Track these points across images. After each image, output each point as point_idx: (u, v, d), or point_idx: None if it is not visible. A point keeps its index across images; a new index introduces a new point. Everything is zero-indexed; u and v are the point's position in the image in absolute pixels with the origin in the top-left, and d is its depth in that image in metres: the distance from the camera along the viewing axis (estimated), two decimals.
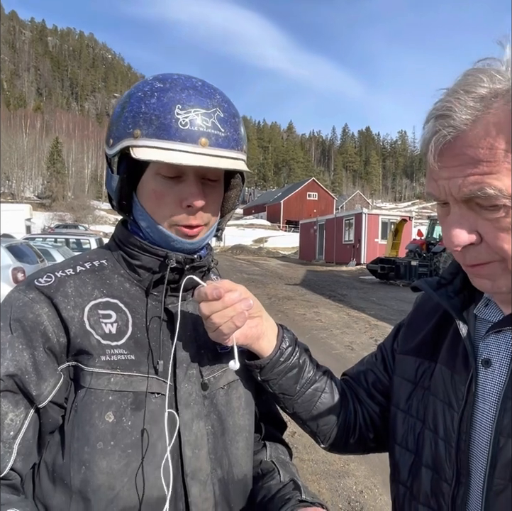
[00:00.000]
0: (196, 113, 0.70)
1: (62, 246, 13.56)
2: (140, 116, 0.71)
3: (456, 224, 0.61)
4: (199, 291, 0.72)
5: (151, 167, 0.74)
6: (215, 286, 0.71)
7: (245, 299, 0.73)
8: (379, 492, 3.06)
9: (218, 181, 0.77)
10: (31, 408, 0.68)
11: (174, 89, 0.71)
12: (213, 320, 0.71)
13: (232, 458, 0.78)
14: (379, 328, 8.20)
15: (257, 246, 39.22)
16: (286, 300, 11.38)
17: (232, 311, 0.71)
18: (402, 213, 27.38)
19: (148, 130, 0.70)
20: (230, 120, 0.74)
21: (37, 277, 0.74)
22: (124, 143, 0.72)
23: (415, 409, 0.73)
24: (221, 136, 0.72)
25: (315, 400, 0.82)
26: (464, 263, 0.65)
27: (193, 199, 0.72)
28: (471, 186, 0.57)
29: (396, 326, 0.89)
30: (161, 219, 0.75)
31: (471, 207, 0.60)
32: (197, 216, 0.74)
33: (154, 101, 0.71)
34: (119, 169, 0.75)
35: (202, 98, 0.72)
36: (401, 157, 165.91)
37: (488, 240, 0.60)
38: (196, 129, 0.70)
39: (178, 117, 0.70)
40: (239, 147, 0.75)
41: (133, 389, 0.70)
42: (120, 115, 0.74)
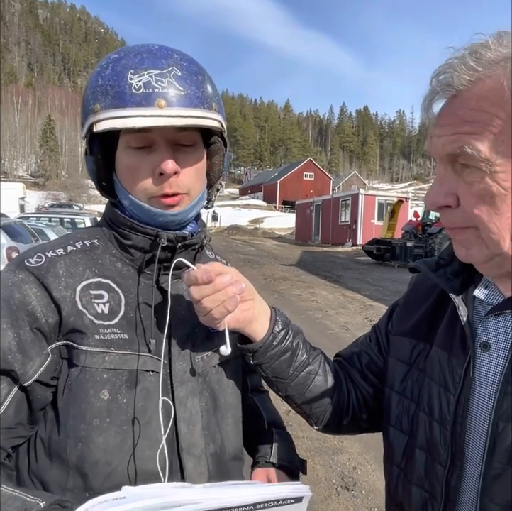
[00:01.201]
0: (149, 75, 0.68)
1: (57, 226, 13.45)
2: (98, 90, 0.69)
3: (437, 184, 0.61)
4: (189, 274, 0.70)
5: (121, 141, 0.73)
6: (206, 269, 0.69)
7: (237, 283, 0.72)
8: (372, 468, 3.13)
9: (193, 146, 0.75)
10: (15, 385, 0.67)
11: (127, 56, 0.70)
12: (204, 304, 0.69)
13: (224, 434, 0.79)
14: (374, 309, 8.27)
15: (253, 227, 39.13)
16: (282, 281, 11.42)
17: (224, 295, 0.70)
18: (399, 195, 27.35)
19: (105, 102, 0.68)
20: (191, 77, 0.71)
21: (28, 257, 0.72)
22: (89, 120, 0.71)
23: (410, 390, 0.73)
24: (180, 95, 0.69)
25: (308, 383, 0.82)
26: (443, 226, 0.65)
27: (163, 165, 0.70)
28: (452, 144, 0.57)
29: (391, 306, 0.88)
30: (138, 194, 0.73)
31: (455, 169, 0.60)
32: (172, 184, 0.72)
33: (109, 72, 0.69)
34: (93, 150, 0.74)
35: (156, 59, 0.69)
36: (399, 137, 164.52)
37: (463, 204, 0.59)
38: (150, 91, 0.67)
39: (131, 82, 0.67)
40: (205, 105, 0.72)
41: (128, 367, 0.70)
42: (84, 95, 0.73)
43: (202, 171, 0.78)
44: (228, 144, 0.82)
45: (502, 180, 0.56)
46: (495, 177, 0.56)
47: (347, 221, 24.48)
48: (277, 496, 0.47)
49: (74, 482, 0.68)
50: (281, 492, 0.47)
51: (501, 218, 0.57)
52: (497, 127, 0.55)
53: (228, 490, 0.50)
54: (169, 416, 0.72)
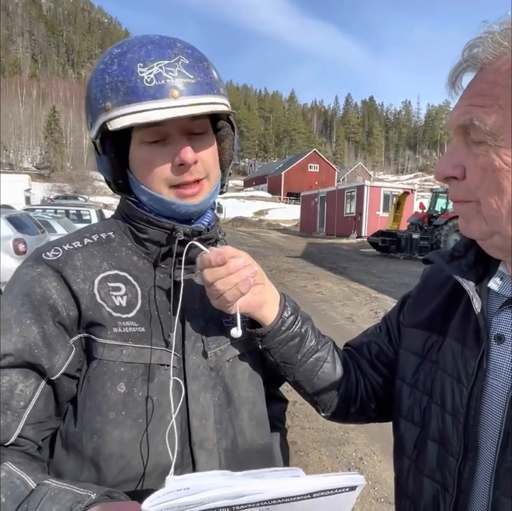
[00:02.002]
0: (159, 67, 0.67)
1: (62, 217, 13.48)
2: (107, 87, 0.69)
3: (447, 155, 0.61)
4: (202, 257, 0.70)
5: (134, 137, 0.72)
6: (219, 252, 0.69)
7: (250, 266, 0.72)
8: (378, 459, 3.15)
9: (205, 133, 0.75)
10: (43, 380, 0.68)
11: (131, 50, 0.69)
12: (217, 287, 0.69)
13: (237, 429, 0.79)
14: (380, 301, 8.26)
15: (257, 218, 39.08)
16: (287, 272, 11.42)
17: (237, 278, 0.69)
18: (404, 186, 27.15)
19: (117, 99, 0.68)
20: (198, 64, 0.71)
21: (45, 251, 0.73)
22: (100, 120, 0.70)
23: (422, 382, 0.73)
24: (192, 83, 0.69)
25: (316, 370, 0.82)
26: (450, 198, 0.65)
27: (183, 155, 0.70)
28: (464, 115, 0.57)
29: (402, 298, 0.88)
30: (158, 187, 0.73)
31: (467, 143, 0.59)
32: (192, 171, 0.72)
33: (116, 68, 0.68)
34: (105, 148, 0.73)
35: (162, 50, 0.69)
36: (405, 128, 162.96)
37: (468, 176, 0.59)
38: (163, 82, 0.67)
39: (142, 75, 0.67)
40: (215, 90, 0.72)
41: (144, 361, 0.70)
42: (89, 94, 0.72)
43: (216, 156, 0.79)
44: (236, 127, 0.83)
45: (505, 155, 0.56)
46: (499, 151, 0.56)
47: (352, 213, 24.36)
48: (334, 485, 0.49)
49: (88, 474, 0.68)
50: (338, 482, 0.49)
51: (502, 195, 0.57)
52: (506, 102, 0.54)
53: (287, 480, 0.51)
54: (182, 407, 0.72)
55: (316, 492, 0.48)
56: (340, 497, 0.50)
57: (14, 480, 0.59)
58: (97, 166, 0.77)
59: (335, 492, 0.49)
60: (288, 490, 0.47)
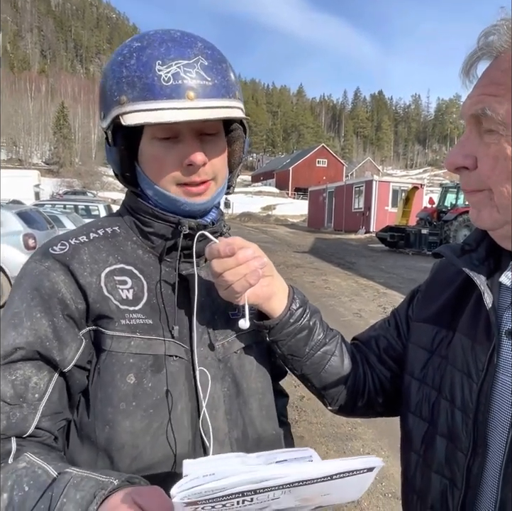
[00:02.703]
0: (177, 66, 0.67)
1: (71, 213, 13.57)
2: (123, 81, 0.68)
3: (458, 145, 0.61)
4: (211, 247, 0.70)
5: (146, 132, 0.72)
6: (228, 242, 0.69)
7: (259, 257, 0.72)
8: (386, 454, 3.15)
9: (217, 134, 0.75)
10: (55, 372, 0.69)
11: (151, 46, 0.68)
12: (226, 277, 0.69)
13: (247, 419, 0.79)
14: (388, 297, 8.22)
15: (265, 214, 39.02)
16: (295, 268, 11.41)
17: (246, 269, 0.69)
18: (413, 181, 26.94)
19: (133, 94, 0.67)
20: (216, 67, 0.70)
21: (52, 245, 0.73)
22: (113, 112, 0.70)
23: (431, 378, 0.72)
24: (208, 86, 0.69)
25: (324, 363, 0.81)
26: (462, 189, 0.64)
27: (192, 157, 0.70)
28: (476, 105, 0.56)
29: (411, 292, 0.87)
30: (165, 183, 0.73)
31: (479, 132, 0.59)
32: (200, 173, 0.72)
33: (134, 62, 0.68)
34: (116, 140, 0.73)
35: (182, 48, 0.68)
36: (414, 122, 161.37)
37: (479, 165, 0.59)
38: (180, 83, 0.67)
39: (160, 74, 0.67)
40: (230, 94, 0.72)
41: (152, 352, 0.71)
42: (105, 85, 0.71)
43: (226, 158, 0.79)
44: (248, 130, 0.82)
45: None
46: (511, 140, 0.55)
47: (361, 208, 24.23)
48: (353, 468, 0.50)
49: (102, 463, 0.69)
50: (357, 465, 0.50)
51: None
52: None
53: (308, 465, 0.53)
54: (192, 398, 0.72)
55: (336, 474, 0.49)
56: (359, 477, 0.52)
57: (35, 469, 0.60)
58: (106, 157, 0.77)
59: (354, 474, 0.51)
60: (310, 474, 0.48)
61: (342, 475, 0.50)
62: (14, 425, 0.65)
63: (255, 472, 0.47)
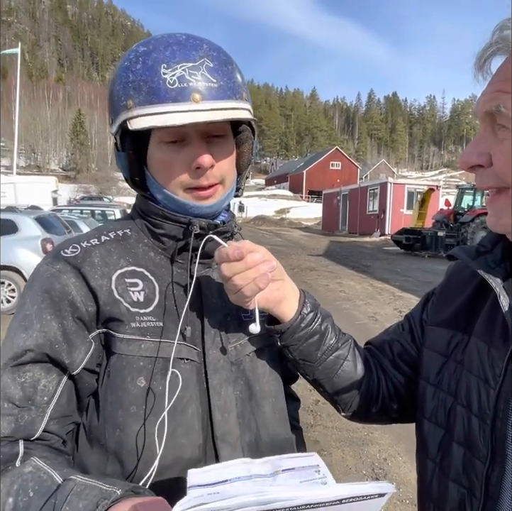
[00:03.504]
0: (182, 69, 0.67)
1: (88, 217, 13.78)
2: (129, 86, 0.69)
3: (472, 144, 0.59)
4: (220, 251, 0.69)
5: (153, 136, 0.72)
6: (237, 246, 0.68)
7: (268, 261, 0.71)
8: (403, 460, 3.10)
9: (224, 136, 0.74)
10: (64, 375, 0.69)
11: (157, 49, 0.68)
12: (235, 282, 0.68)
13: (260, 422, 0.78)
14: (404, 300, 8.13)
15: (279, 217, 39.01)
16: (309, 271, 11.37)
17: (255, 273, 0.69)
18: (429, 183, 26.59)
19: (139, 98, 0.68)
20: (222, 68, 0.70)
21: (63, 248, 0.74)
22: (121, 117, 0.70)
23: (447, 383, 0.70)
24: (214, 87, 0.68)
25: (336, 368, 0.80)
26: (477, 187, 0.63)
27: (200, 159, 0.70)
28: (490, 102, 0.55)
29: (425, 295, 0.85)
30: (173, 187, 0.73)
31: (494, 130, 0.57)
32: (208, 175, 0.72)
33: (140, 67, 0.68)
34: (124, 145, 0.74)
35: (187, 51, 0.68)
36: (429, 123, 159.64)
37: (494, 162, 0.58)
38: (185, 85, 0.67)
39: (165, 77, 0.67)
40: (237, 95, 0.71)
41: (163, 355, 0.71)
42: (112, 90, 0.72)
43: (234, 160, 0.78)
44: (257, 132, 0.82)
45: None
46: None
47: (375, 211, 24.04)
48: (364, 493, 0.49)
49: (113, 467, 0.69)
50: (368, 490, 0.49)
51: None
52: None
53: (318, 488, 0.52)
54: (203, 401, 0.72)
55: (345, 499, 0.48)
56: (369, 502, 0.51)
57: (41, 474, 0.59)
58: (116, 161, 0.78)
59: (364, 499, 0.50)
60: (319, 497, 0.47)
61: (352, 499, 0.49)
62: (22, 428, 0.65)
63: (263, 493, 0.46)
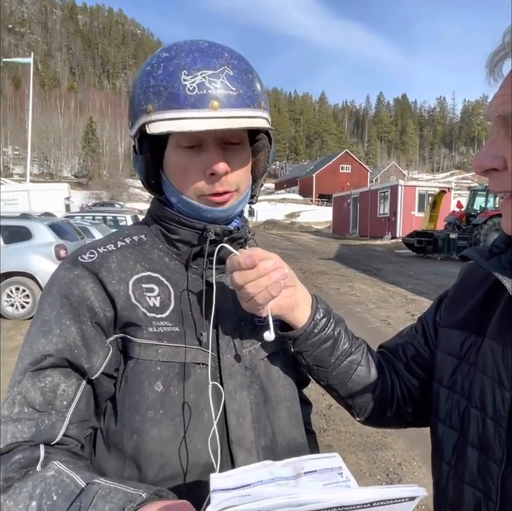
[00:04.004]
0: (202, 76, 0.68)
1: (100, 223, 13.92)
2: (150, 90, 0.70)
3: (486, 147, 0.59)
4: (231, 260, 0.70)
5: (171, 140, 0.73)
6: (249, 254, 0.68)
7: (280, 268, 0.71)
8: (418, 465, 3.06)
9: (241, 144, 0.75)
10: (83, 380, 0.70)
11: (179, 56, 0.69)
12: (247, 290, 0.69)
13: (275, 427, 0.78)
14: (416, 303, 8.05)
15: (289, 221, 38.97)
16: (320, 275, 11.33)
17: (267, 281, 0.69)
18: (440, 185, 26.35)
19: (159, 103, 0.69)
20: (242, 77, 0.71)
21: (81, 254, 0.75)
22: (140, 121, 0.71)
23: (460, 385, 0.70)
24: (233, 95, 0.69)
25: (350, 373, 0.80)
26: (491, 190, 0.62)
27: (215, 166, 0.70)
28: (504, 105, 0.54)
29: (438, 297, 0.84)
30: (188, 192, 0.74)
31: (507, 132, 0.56)
32: (223, 182, 0.72)
33: (161, 72, 0.69)
34: (142, 148, 0.75)
35: (208, 59, 0.69)
36: (440, 125, 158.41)
37: (509, 166, 0.57)
38: (204, 92, 0.67)
39: (185, 83, 0.67)
40: (255, 104, 0.72)
41: (179, 360, 0.71)
42: (134, 94, 0.73)
43: (249, 168, 0.79)
44: (273, 140, 0.82)
45: None
46: None
47: (386, 214, 23.89)
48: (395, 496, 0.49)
49: (130, 472, 0.69)
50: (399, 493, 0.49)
51: None
52: None
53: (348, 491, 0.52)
54: (219, 405, 0.72)
55: (376, 502, 0.48)
56: (399, 506, 0.50)
57: (64, 478, 0.59)
58: (133, 164, 0.79)
59: (394, 502, 0.49)
60: (350, 500, 0.47)
61: (383, 503, 0.49)
62: (43, 432, 0.65)
63: (293, 495, 0.47)
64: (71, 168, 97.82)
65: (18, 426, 0.64)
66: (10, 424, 0.64)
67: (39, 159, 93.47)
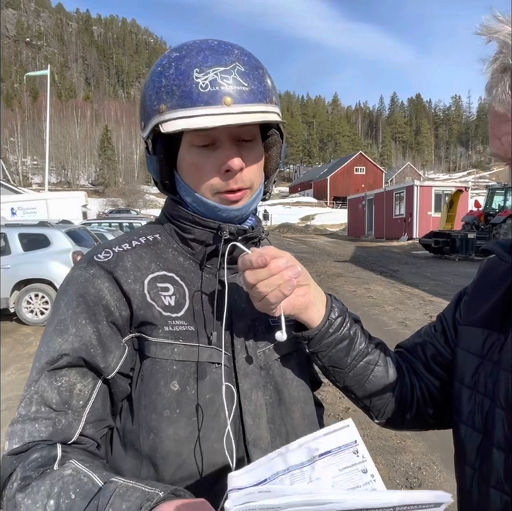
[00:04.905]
0: (214, 73, 0.68)
1: (116, 230, 14.12)
2: (162, 90, 0.70)
3: None
4: (243, 259, 0.69)
5: (185, 140, 0.73)
6: (261, 253, 0.68)
7: (293, 267, 0.70)
8: (438, 469, 2.99)
9: (254, 140, 0.75)
10: (99, 379, 0.70)
11: (190, 55, 0.70)
12: (259, 289, 0.68)
13: (289, 428, 0.77)
14: (434, 304, 7.92)
15: (304, 224, 38.87)
16: (336, 277, 11.25)
17: (280, 279, 0.67)
18: (457, 184, 25.96)
19: (172, 102, 0.69)
20: (253, 72, 0.71)
21: (96, 253, 0.75)
22: (153, 121, 0.71)
23: (483, 385, 0.67)
24: (245, 91, 0.69)
25: (367, 373, 0.78)
26: None
27: (230, 162, 0.70)
28: None
29: (457, 295, 0.82)
30: (203, 190, 0.74)
31: None
32: (237, 179, 0.72)
33: (173, 71, 0.69)
34: (155, 149, 0.75)
35: (219, 56, 0.69)
36: (455, 124, 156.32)
37: None
38: (217, 89, 0.68)
39: (197, 81, 0.68)
40: (267, 99, 0.72)
41: (195, 359, 0.71)
42: (145, 95, 0.73)
43: (262, 164, 0.79)
44: (285, 135, 0.82)
45: None
46: None
47: (402, 215, 23.64)
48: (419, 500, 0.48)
49: (147, 471, 0.69)
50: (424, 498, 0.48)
51: None
52: None
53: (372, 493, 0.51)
54: (232, 403, 0.71)
55: (400, 506, 0.47)
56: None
57: (81, 477, 0.59)
58: (147, 165, 0.79)
59: (419, 508, 0.48)
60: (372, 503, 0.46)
61: (407, 507, 0.47)
62: (60, 432, 0.65)
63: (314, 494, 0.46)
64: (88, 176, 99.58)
65: (36, 425, 0.65)
66: (28, 423, 0.65)
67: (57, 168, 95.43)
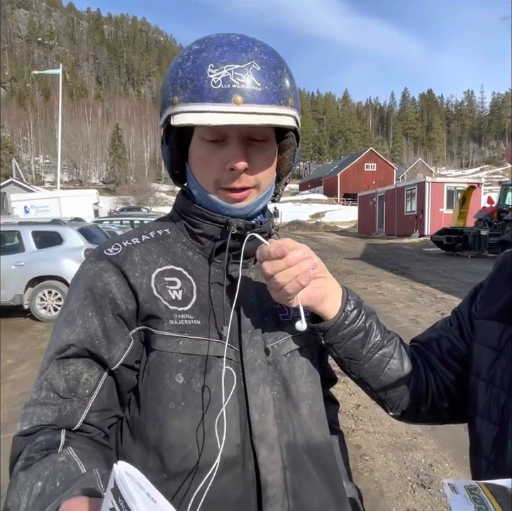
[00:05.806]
0: (228, 70, 0.67)
1: (128, 228, 14.24)
2: (178, 82, 0.70)
3: None
4: (262, 250, 0.70)
5: (196, 133, 0.73)
6: (279, 244, 0.69)
7: (310, 258, 0.71)
8: (450, 466, 2.98)
9: (266, 141, 0.74)
10: (105, 370, 0.71)
11: (208, 49, 0.69)
12: (277, 279, 0.69)
13: (296, 424, 0.77)
14: (446, 302, 7.85)
15: (314, 221, 38.76)
16: (346, 274, 11.20)
17: (297, 270, 0.68)
18: (469, 180, 25.64)
19: (184, 95, 0.69)
20: (270, 73, 0.70)
21: (106, 247, 0.76)
22: (167, 111, 0.72)
23: (499, 378, 0.67)
24: (258, 91, 0.68)
25: (382, 366, 0.78)
26: None
27: (234, 161, 0.70)
28: None
29: (473, 289, 0.82)
30: (207, 185, 0.74)
31: None
32: (241, 178, 0.72)
33: (190, 64, 0.69)
34: (169, 139, 0.76)
35: (236, 53, 0.68)
36: (468, 119, 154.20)
37: None
38: (228, 87, 0.67)
39: (210, 77, 0.67)
40: (281, 101, 0.70)
41: (201, 352, 0.71)
42: (164, 84, 0.74)
43: (273, 166, 0.78)
44: (301, 138, 0.81)
45: None
46: None
47: (413, 211, 23.41)
48: None
49: (153, 462, 0.70)
50: None
51: None
52: None
53: None
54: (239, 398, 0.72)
55: None
56: None
57: (71, 466, 0.60)
58: (161, 154, 0.80)
59: None
60: None
61: None
62: (65, 418, 0.67)
63: None
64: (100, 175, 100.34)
65: (44, 410, 0.67)
66: (38, 407, 0.68)
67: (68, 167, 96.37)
